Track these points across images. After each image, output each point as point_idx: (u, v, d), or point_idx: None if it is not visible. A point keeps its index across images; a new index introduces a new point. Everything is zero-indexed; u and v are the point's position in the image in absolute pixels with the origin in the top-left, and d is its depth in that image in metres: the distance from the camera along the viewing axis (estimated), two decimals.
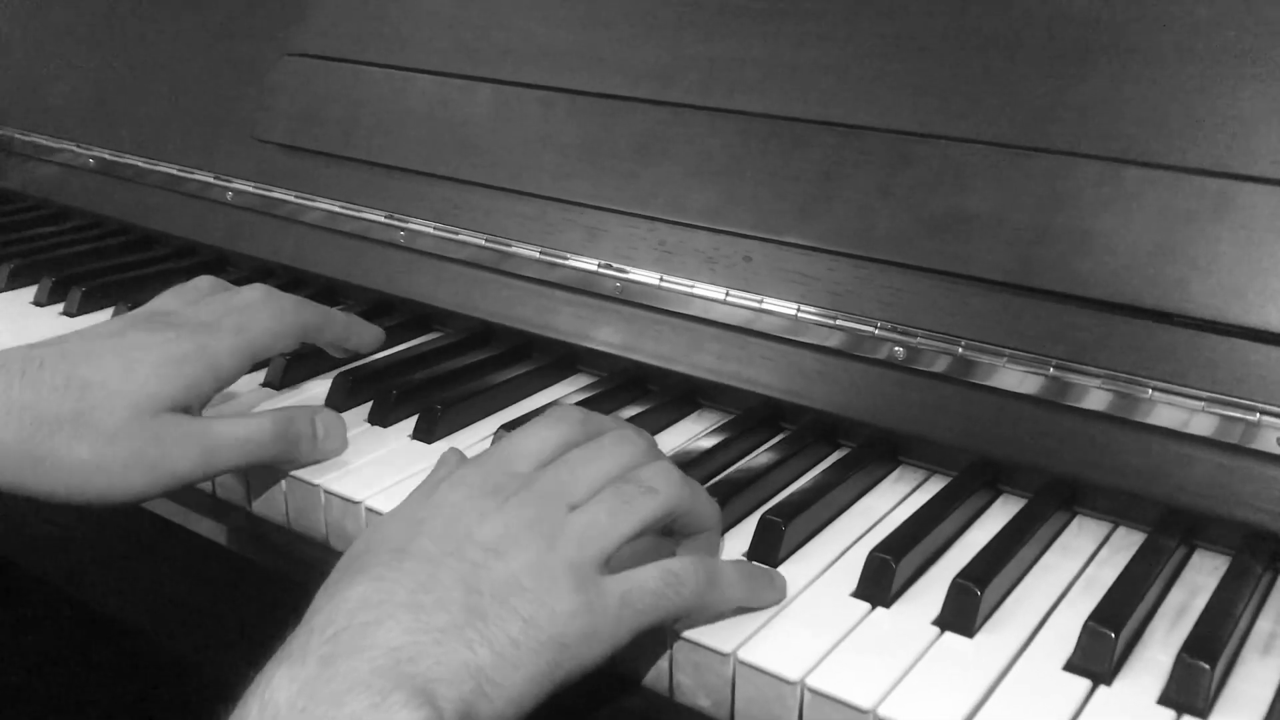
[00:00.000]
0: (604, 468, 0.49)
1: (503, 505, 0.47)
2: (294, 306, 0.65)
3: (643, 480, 0.49)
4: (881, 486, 0.63)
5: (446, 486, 0.48)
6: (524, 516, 0.47)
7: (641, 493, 0.48)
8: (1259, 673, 0.49)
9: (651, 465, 0.50)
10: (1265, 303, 0.54)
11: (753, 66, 0.69)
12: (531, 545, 0.46)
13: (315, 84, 0.88)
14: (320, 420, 0.62)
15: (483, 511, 0.47)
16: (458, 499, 0.47)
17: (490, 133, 0.78)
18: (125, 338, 0.58)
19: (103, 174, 1.02)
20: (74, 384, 0.55)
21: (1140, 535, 0.58)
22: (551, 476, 0.49)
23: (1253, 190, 0.55)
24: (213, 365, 0.59)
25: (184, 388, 0.57)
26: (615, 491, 0.48)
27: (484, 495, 0.48)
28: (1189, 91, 0.57)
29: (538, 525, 0.46)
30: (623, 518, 0.47)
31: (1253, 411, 0.54)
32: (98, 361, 0.56)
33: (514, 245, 0.77)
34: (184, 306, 0.63)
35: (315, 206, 0.87)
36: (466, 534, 0.46)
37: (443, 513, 0.47)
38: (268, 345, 0.63)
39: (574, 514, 0.47)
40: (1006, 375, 0.60)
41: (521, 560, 0.45)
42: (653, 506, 0.48)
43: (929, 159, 0.62)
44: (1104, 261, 0.57)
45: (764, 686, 0.48)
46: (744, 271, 0.68)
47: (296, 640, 0.42)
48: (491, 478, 0.49)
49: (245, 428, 0.58)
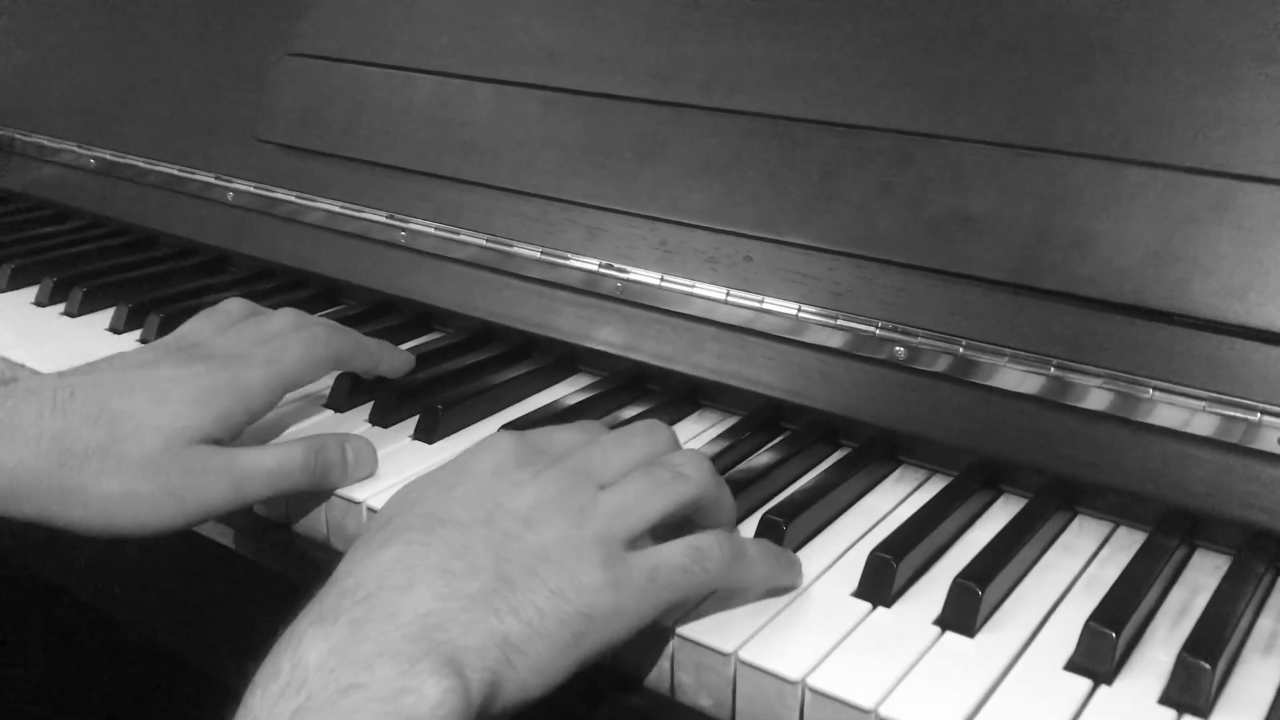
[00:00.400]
0: (635, 453, 0.51)
1: (535, 477, 0.48)
2: (326, 336, 0.64)
3: (674, 465, 0.50)
4: (882, 486, 0.63)
5: (481, 456, 0.49)
6: (555, 490, 0.47)
7: (672, 477, 0.49)
8: (1260, 672, 0.49)
9: (682, 452, 0.52)
10: (1266, 302, 0.54)
11: (753, 66, 0.69)
12: (561, 519, 0.46)
13: (316, 84, 0.88)
14: (351, 447, 0.61)
15: (516, 482, 0.48)
16: (491, 467, 0.49)
17: (491, 133, 0.78)
18: (157, 369, 0.58)
19: (104, 174, 1.02)
20: (105, 415, 0.55)
21: (1141, 535, 0.58)
22: (583, 455, 0.50)
23: (1253, 190, 0.55)
24: (244, 397, 0.59)
25: (215, 420, 0.57)
26: (646, 473, 0.49)
27: (518, 467, 0.49)
28: (1190, 91, 0.57)
29: (568, 500, 0.47)
30: (652, 500, 0.48)
31: (1254, 411, 0.54)
32: (129, 393, 0.56)
33: (515, 245, 0.77)
34: (215, 335, 0.63)
35: (316, 207, 0.87)
36: (498, 503, 0.47)
37: (476, 481, 0.48)
38: (300, 376, 0.62)
39: (604, 493, 0.48)
40: (1007, 375, 0.60)
41: (551, 532, 0.46)
42: (683, 491, 0.49)
43: (930, 158, 0.62)
44: (1105, 261, 0.57)
45: (765, 686, 0.48)
46: (745, 271, 0.68)
47: (328, 599, 0.42)
48: (525, 452, 0.50)
49: (275, 458, 0.58)
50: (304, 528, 0.63)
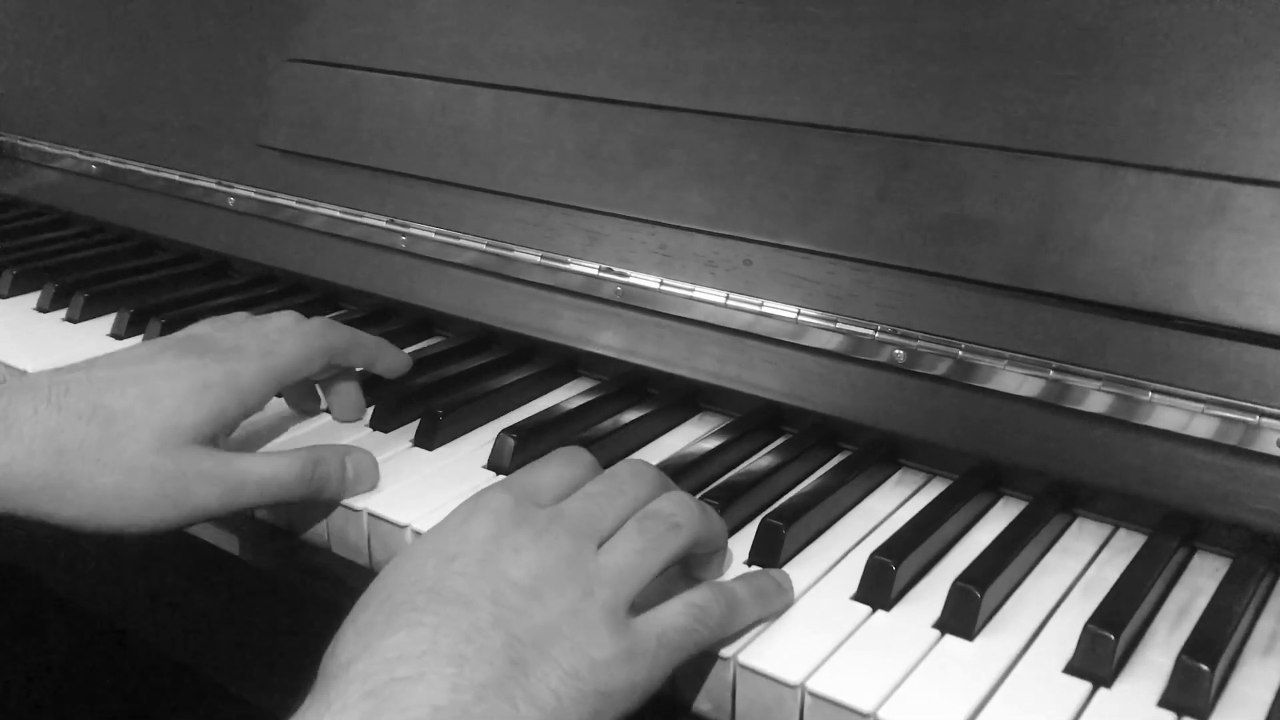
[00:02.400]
0: (627, 502, 0.50)
1: (535, 540, 0.46)
2: (321, 329, 0.64)
3: (665, 516, 0.49)
4: (882, 489, 0.63)
5: (476, 520, 0.47)
6: (557, 555, 0.46)
7: (668, 529, 0.49)
8: (1260, 674, 0.49)
9: (670, 498, 0.51)
10: (1264, 305, 0.54)
11: (752, 70, 0.69)
12: (568, 589, 0.45)
13: (317, 90, 0.88)
14: (351, 461, 0.61)
15: (516, 546, 0.46)
16: (488, 533, 0.47)
17: (490, 137, 0.78)
18: (152, 365, 0.58)
19: (105, 180, 1.02)
20: (100, 412, 0.55)
21: (1141, 537, 0.58)
22: (579, 510, 0.49)
23: (1251, 192, 0.55)
24: (238, 391, 0.58)
25: (209, 416, 0.57)
26: (641, 529, 0.48)
27: (514, 527, 0.47)
28: (1187, 94, 0.57)
29: (571, 566, 0.46)
30: (652, 557, 0.48)
31: (1252, 414, 0.54)
32: (123, 390, 0.56)
33: (515, 250, 0.77)
34: (214, 332, 0.63)
35: (317, 212, 0.87)
36: (501, 574, 0.45)
37: (475, 550, 0.46)
38: (294, 369, 0.62)
39: (605, 554, 0.47)
40: (1006, 378, 0.60)
41: (559, 606, 0.45)
42: (679, 543, 0.49)
43: (928, 162, 0.62)
44: (1103, 264, 0.57)
45: (764, 690, 0.48)
46: (744, 275, 0.68)
47: (334, 687, 0.41)
48: (520, 509, 0.48)
49: (270, 467, 0.58)
50: (306, 534, 0.63)
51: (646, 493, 0.51)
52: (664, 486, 0.52)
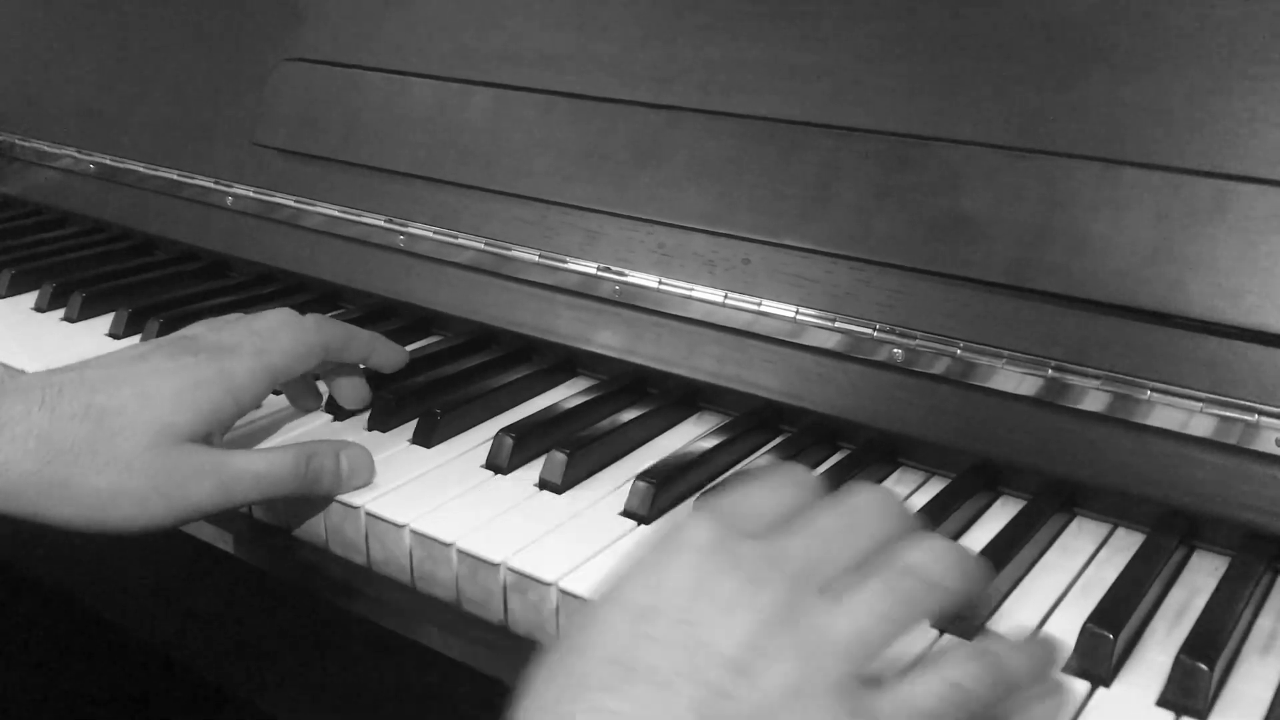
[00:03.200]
0: (863, 542, 0.41)
1: (744, 591, 0.38)
2: (315, 325, 0.64)
3: (919, 570, 0.40)
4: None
5: (674, 564, 0.39)
6: (773, 612, 0.38)
7: (923, 589, 0.39)
8: (1259, 672, 0.49)
9: (925, 544, 0.41)
10: (1263, 303, 0.54)
11: (750, 69, 0.69)
12: (787, 661, 0.37)
13: (314, 89, 0.88)
14: (346, 456, 0.60)
15: (723, 605, 0.38)
16: (687, 582, 0.39)
17: (488, 136, 0.78)
18: (146, 363, 0.58)
19: (103, 179, 1.02)
20: (92, 412, 0.54)
21: (1140, 536, 0.58)
22: (803, 550, 0.40)
23: (1250, 191, 0.55)
24: (232, 389, 0.58)
25: (203, 415, 0.57)
26: (889, 586, 0.39)
27: (719, 573, 0.39)
28: (1185, 92, 0.57)
29: (792, 628, 0.38)
30: (899, 624, 0.39)
31: (1251, 412, 0.54)
32: (117, 389, 0.55)
33: (513, 249, 0.77)
34: (207, 332, 0.63)
35: (315, 211, 0.87)
36: (703, 644, 0.37)
37: (671, 604, 0.38)
38: (288, 365, 0.61)
39: (838, 613, 0.38)
40: (1005, 377, 0.60)
41: (776, 684, 0.36)
42: (934, 606, 0.40)
43: (926, 161, 0.62)
44: (1102, 263, 0.57)
45: None
46: (743, 274, 0.68)
47: None
48: (725, 546, 0.39)
49: (265, 463, 0.58)
50: (304, 533, 0.63)
51: (891, 531, 0.42)
52: (911, 524, 0.43)
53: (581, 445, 0.63)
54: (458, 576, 0.57)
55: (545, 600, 0.54)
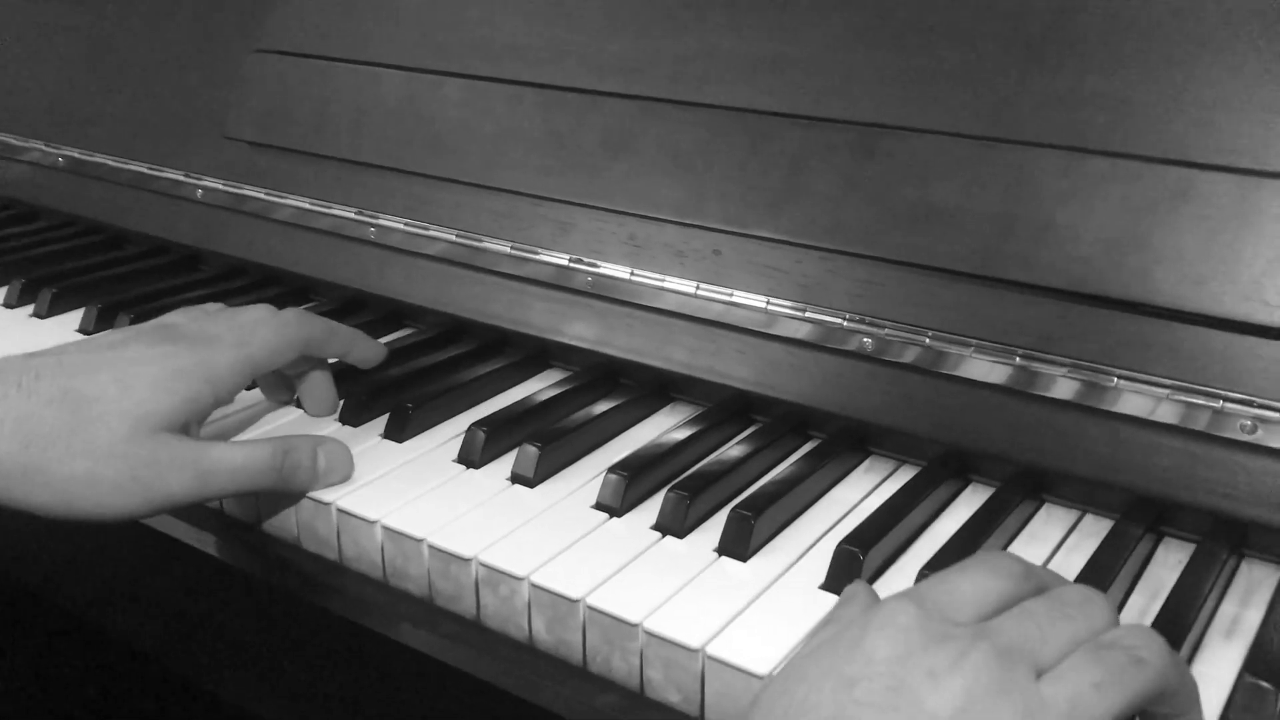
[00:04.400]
0: (1074, 628, 0.40)
1: (957, 664, 0.38)
2: (296, 320, 0.63)
3: (1129, 647, 0.39)
4: (851, 477, 0.63)
5: (878, 636, 0.39)
6: (987, 681, 0.37)
7: (1132, 663, 0.39)
8: (1222, 655, 0.50)
9: (1131, 629, 0.41)
10: (1226, 291, 0.54)
11: (720, 60, 0.69)
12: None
13: (284, 81, 0.87)
14: (324, 452, 0.60)
15: (931, 671, 0.38)
16: (895, 652, 0.38)
17: (459, 128, 0.78)
18: (125, 350, 0.57)
19: (72, 173, 1.02)
20: (70, 398, 0.54)
21: (1108, 522, 0.59)
22: (1014, 629, 0.40)
23: (1214, 179, 0.55)
24: (211, 379, 0.58)
25: (181, 404, 0.56)
26: (1096, 659, 0.39)
27: (928, 646, 0.38)
28: (1151, 81, 0.57)
29: (1006, 696, 0.37)
30: (1112, 695, 0.38)
31: (1216, 399, 0.54)
32: (94, 375, 0.55)
33: (485, 241, 0.77)
34: (187, 322, 0.62)
35: (286, 204, 0.87)
36: (916, 704, 0.37)
37: (880, 671, 0.38)
38: (268, 359, 0.61)
39: (1050, 684, 0.38)
40: (974, 365, 0.60)
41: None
42: (1145, 681, 0.39)
43: (895, 151, 0.62)
44: (1068, 251, 0.57)
45: (732, 681, 0.48)
46: (714, 265, 0.68)
47: None
48: (933, 626, 0.39)
49: (242, 456, 0.57)
50: (275, 529, 0.63)
51: (1100, 622, 0.41)
52: (1116, 619, 0.42)
53: (554, 439, 0.63)
54: (429, 572, 0.57)
55: (517, 594, 0.54)
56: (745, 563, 0.55)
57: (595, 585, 0.53)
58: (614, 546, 0.56)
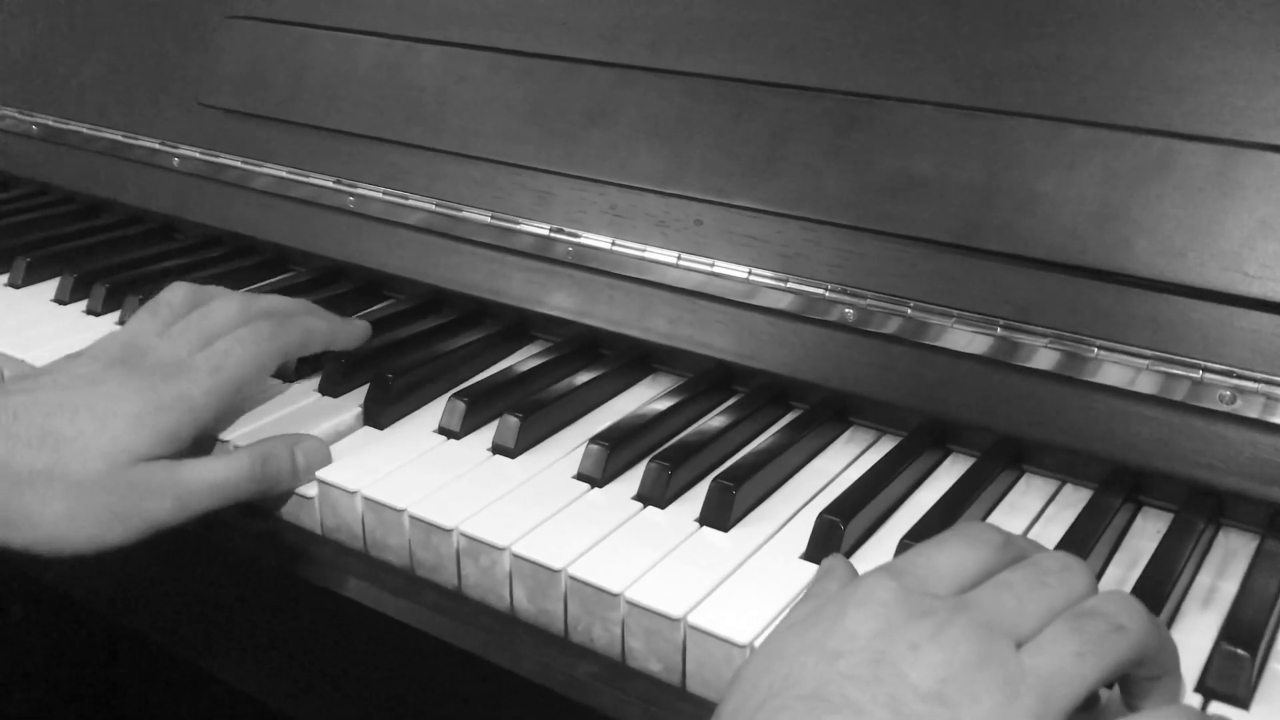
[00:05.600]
0: (1052, 597, 0.41)
1: (937, 637, 0.38)
2: (271, 332, 0.62)
3: (1106, 615, 0.40)
4: (833, 448, 0.64)
5: (858, 611, 0.40)
6: (967, 652, 0.38)
7: (1111, 630, 0.39)
8: (1199, 624, 0.50)
9: (1109, 596, 0.41)
10: (1207, 261, 0.54)
11: (700, 27, 0.68)
12: (984, 694, 0.37)
13: (260, 47, 0.86)
14: (301, 451, 0.60)
15: (913, 642, 0.38)
16: (876, 627, 0.39)
17: (437, 95, 0.77)
18: (102, 386, 0.57)
19: (46, 141, 1.00)
20: (49, 439, 0.54)
21: (1087, 492, 0.59)
22: (991, 600, 0.40)
23: (1195, 150, 0.55)
24: (191, 410, 0.57)
25: (163, 438, 0.56)
26: (1075, 628, 0.39)
27: (908, 620, 0.39)
28: (1133, 51, 0.57)
29: (987, 666, 0.37)
30: (1091, 662, 0.38)
31: (1195, 369, 0.55)
32: (73, 415, 0.55)
33: (464, 210, 0.76)
34: (157, 335, 0.61)
35: (263, 172, 0.86)
36: (899, 676, 0.37)
37: (862, 645, 0.39)
38: (246, 378, 0.60)
39: (1031, 654, 0.38)
40: (955, 336, 0.60)
41: (974, 715, 0.36)
42: (1124, 648, 0.39)
43: (876, 120, 0.62)
44: (1049, 221, 0.57)
45: (714, 649, 0.48)
46: (695, 235, 0.68)
47: None
48: (912, 600, 0.40)
49: (221, 471, 0.57)
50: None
51: (1079, 590, 0.41)
52: (1094, 585, 0.42)
53: (535, 409, 0.63)
54: (410, 542, 0.57)
55: (499, 565, 0.54)
56: (726, 533, 0.55)
57: (577, 555, 0.53)
58: (595, 517, 0.56)
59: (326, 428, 0.64)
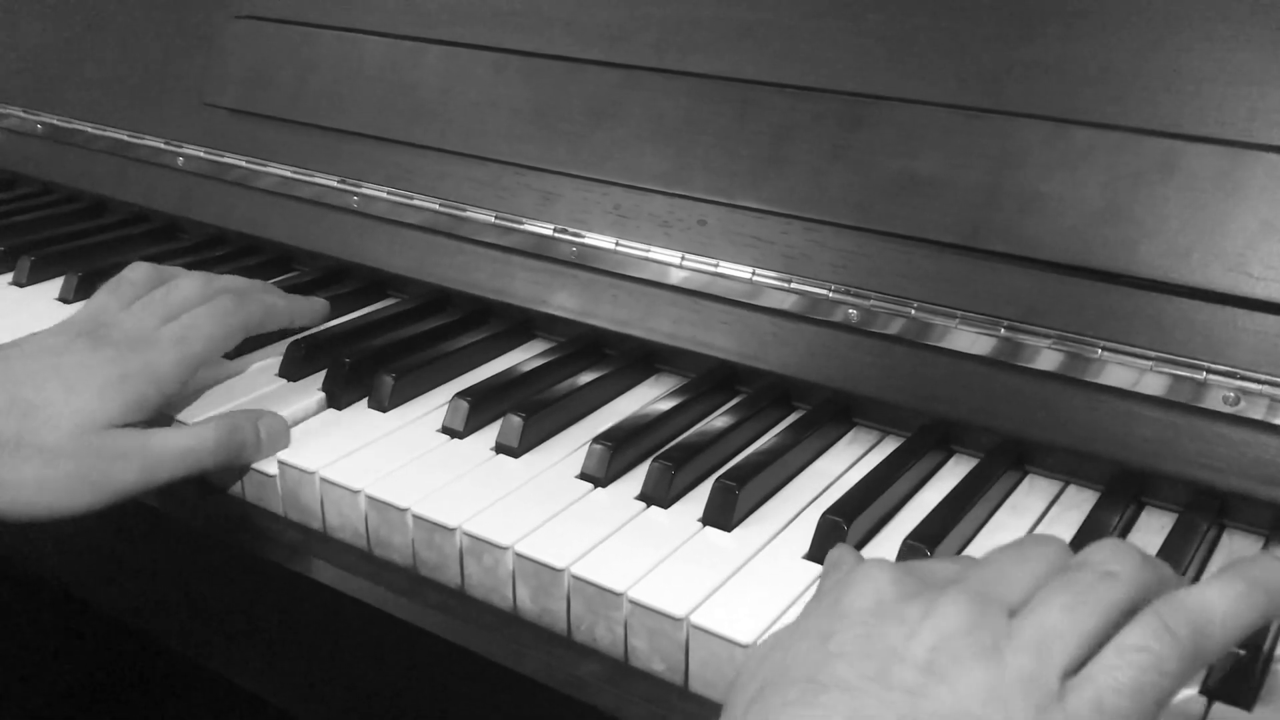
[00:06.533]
0: (1037, 566, 0.41)
1: (928, 612, 0.38)
2: (233, 306, 0.64)
3: (1093, 563, 0.40)
4: (836, 448, 0.63)
5: (853, 592, 0.40)
6: (956, 623, 0.38)
7: (1099, 579, 0.39)
8: None
9: (1097, 545, 0.41)
10: (1211, 263, 0.54)
11: (705, 27, 0.68)
12: (975, 661, 0.37)
13: (264, 47, 0.86)
14: (264, 425, 0.61)
15: (905, 619, 0.38)
16: (868, 605, 0.40)
17: (441, 95, 0.77)
18: (69, 356, 0.58)
19: (51, 140, 1.00)
20: (18, 406, 0.55)
21: (1091, 493, 0.59)
22: (977, 576, 0.40)
23: (1199, 150, 0.55)
24: (156, 380, 0.59)
25: (128, 407, 0.58)
26: (1064, 584, 0.39)
27: (900, 600, 0.39)
28: (1137, 52, 0.57)
29: (977, 634, 0.37)
30: (1083, 612, 0.38)
31: (1199, 370, 0.55)
32: (42, 383, 0.57)
33: (468, 210, 0.76)
34: (121, 311, 0.63)
35: (267, 172, 0.86)
36: (890, 651, 0.38)
37: (855, 626, 0.39)
38: (210, 352, 0.63)
39: (1019, 619, 0.38)
40: (958, 336, 0.60)
41: (966, 681, 0.36)
42: (1116, 594, 0.38)
43: (880, 121, 0.62)
44: (1053, 222, 0.57)
45: (716, 650, 0.48)
46: (699, 235, 0.68)
47: None
48: (907, 582, 0.40)
49: (187, 439, 0.58)
50: (257, 499, 0.62)
51: (1057, 559, 0.41)
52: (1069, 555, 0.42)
53: (538, 408, 0.63)
54: (414, 541, 0.57)
55: (502, 564, 0.54)
56: (729, 533, 0.55)
57: (580, 555, 0.53)
58: (598, 516, 0.56)
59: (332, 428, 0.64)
